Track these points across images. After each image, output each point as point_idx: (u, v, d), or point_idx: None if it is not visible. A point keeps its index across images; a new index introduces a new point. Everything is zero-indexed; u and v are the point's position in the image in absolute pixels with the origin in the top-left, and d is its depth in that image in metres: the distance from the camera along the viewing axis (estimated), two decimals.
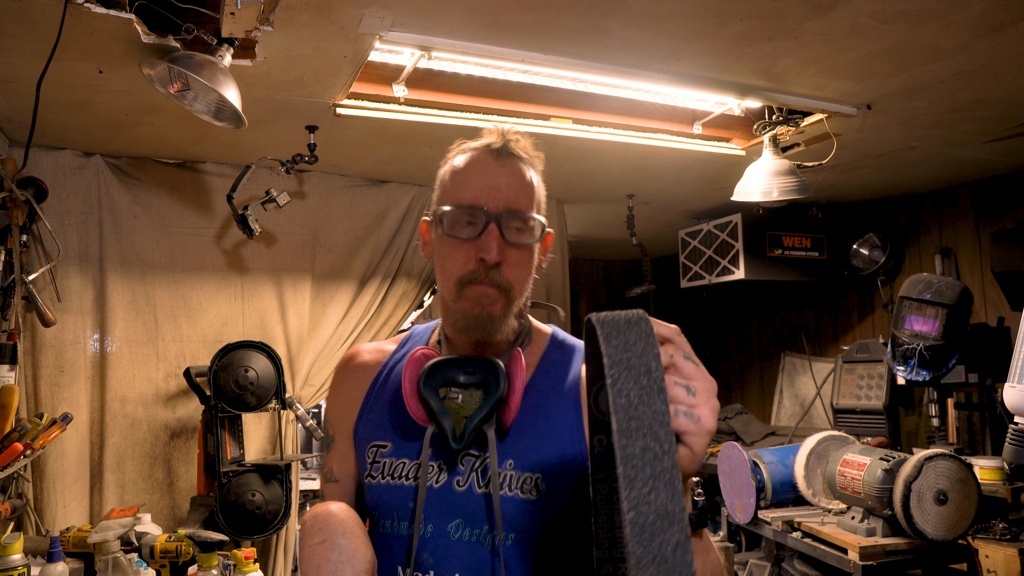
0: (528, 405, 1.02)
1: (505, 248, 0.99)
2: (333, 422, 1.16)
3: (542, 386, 1.05)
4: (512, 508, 0.97)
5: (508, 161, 1.02)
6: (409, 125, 2.44)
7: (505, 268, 0.99)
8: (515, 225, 1.00)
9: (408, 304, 3.32)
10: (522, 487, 0.97)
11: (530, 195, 1.02)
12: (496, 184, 1.00)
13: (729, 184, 2.67)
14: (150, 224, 2.87)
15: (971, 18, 1.80)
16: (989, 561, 2.46)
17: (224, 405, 2.58)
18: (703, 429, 0.66)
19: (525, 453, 0.99)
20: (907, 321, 3.01)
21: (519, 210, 1.00)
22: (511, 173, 1.02)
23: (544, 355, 1.09)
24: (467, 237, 0.99)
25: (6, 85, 2.06)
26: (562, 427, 1.00)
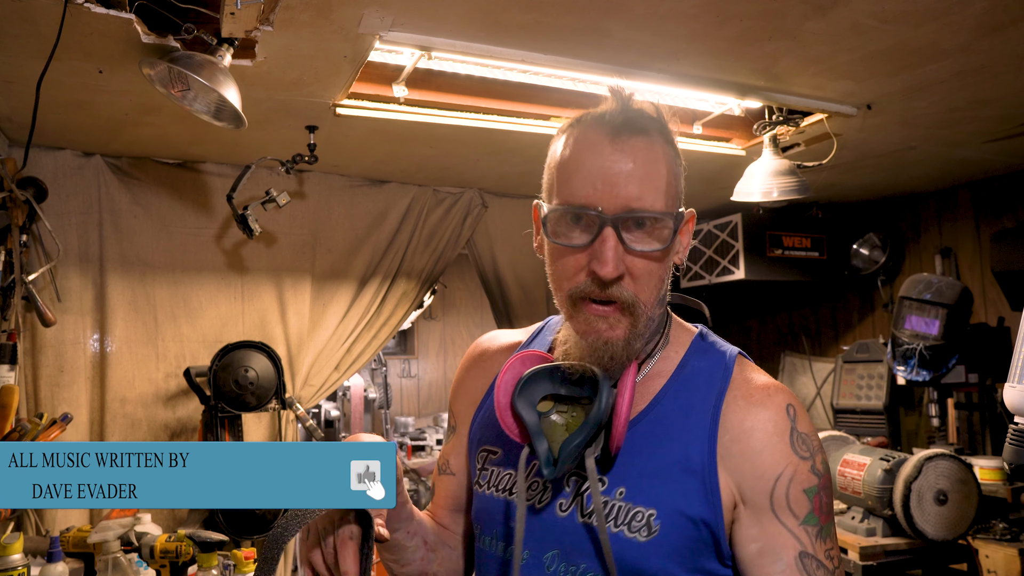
0: (654, 421, 0.86)
1: (627, 257, 0.80)
2: (456, 412, 1.05)
3: (674, 400, 0.87)
4: (614, 548, 0.81)
5: (630, 142, 0.81)
6: (409, 125, 2.44)
7: (628, 281, 0.81)
8: (638, 229, 0.81)
9: (408, 304, 3.32)
10: (630, 523, 0.81)
11: (659, 184, 0.81)
12: (612, 176, 0.79)
13: (729, 184, 2.67)
14: (150, 224, 2.87)
15: (971, 18, 1.80)
16: (989, 561, 2.46)
17: (224, 405, 2.58)
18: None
19: (641, 482, 0.83)
20: (907, 321, 3.01)
21: (643, 209, 0.80)
22: (633, 159, 0.80)
23: (683, 362, 0.90)
24: (579, 244, 0.81)
25: (6, 85, 2.06)
26: (694, 461, 0.82)
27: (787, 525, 0.80)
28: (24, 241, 2.34)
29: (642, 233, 0.81)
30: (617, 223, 0.79)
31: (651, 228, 0.81)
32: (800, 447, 0.82)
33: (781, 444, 0.82)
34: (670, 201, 0.83)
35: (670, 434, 0.85)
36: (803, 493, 0.81)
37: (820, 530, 0.81)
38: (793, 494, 0.81)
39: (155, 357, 2.84)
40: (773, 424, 0.83)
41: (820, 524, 0.81)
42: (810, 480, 0.81)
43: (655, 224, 0.81)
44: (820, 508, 0.81)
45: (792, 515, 0.80)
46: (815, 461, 0.83)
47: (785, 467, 0.81)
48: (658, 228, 0.82)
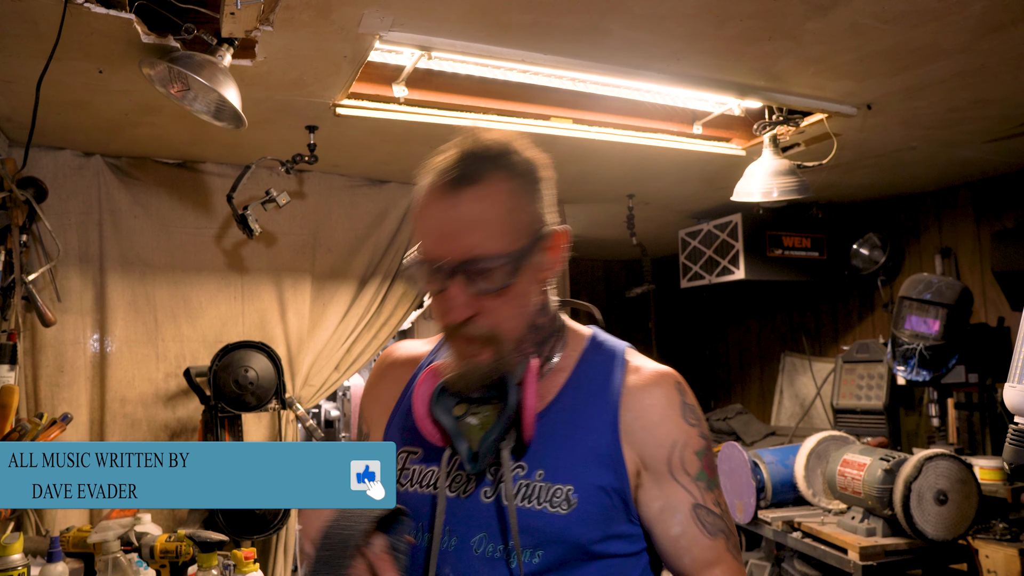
0: (562, 410, 0.97)
1: (475, 299, 0.89)
2: (368, 419, 1.12)
3: (578, 391, 0.98)
4: (540, 523, 0.91)
5: (462, 193, 0.88)
6: (409, 125, 2.44)
7: (481, 318, 0.90)
8: (480, 273, 0.87)
9: (408, 304, 3.32)
10: (552, 499, 0.91)
11: (494, 228, 0.88)
12: (450, 229, 0.88)
13: (729, 184, 2.67)
14: (150, 224, 2.86)
15: (971, 18, 1.80)
16: (989, 561, 2.46)
17: (224, 405, 2.58)
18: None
19: (557, 463, 0.93)
20: (907, 321, 3.01)
21: (480, 256, 0.87)
22: (469, 208, 0.88)
23: (582, 357, 1.01)
24: (436, 292, 0.91)
25: (6, 85, 2.06)
26: (601, 439, 0.94)
27: (682, 483, 0.95)
28: (24, 241, 2.34)
29: (482, 276, 0.88)
30: (458, 272, 0.88)
31: (491, 269, 0.88)
32: (690, 417, 0.98)
33: (675, 416, 0.97)
34: (513, 237, 0.89)
35: (578, 419, 0.96)
36: (694, 455, 0.96)
37: (708, 483, 0.97)
38: (687, 456, 0.96)
39: (155, 357, 2.83)
40: (667, 400, 0.98)
41: (708, 478, 0.97)
42: (699, 443, 0.97)
43: (493, 265, 0.88)
44: (708, 465, 0.97)
45: (686, 474, 0.95)
46: (701, 427, 0.99)
47: (679, 435, 0.96)
48: (499, 268, 0.88)
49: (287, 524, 2.82)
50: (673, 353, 5.55)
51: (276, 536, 2.86)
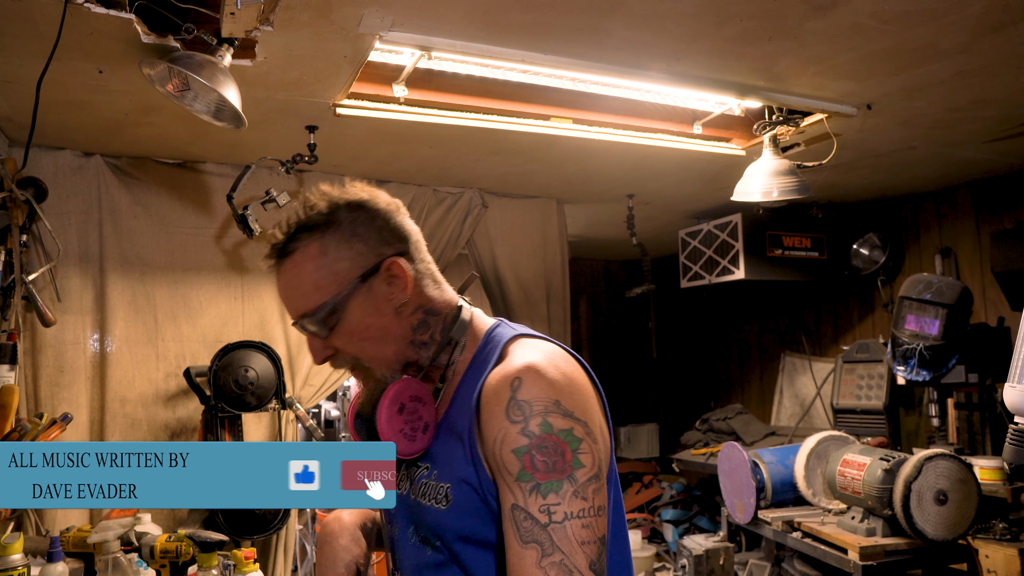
0: (454, 413, 1.03)
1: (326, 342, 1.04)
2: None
3: (462, 393, 1.04)
4: (428, 517, 1.01)
5: (281, 268, 1.05)
6: (409, 125, 2.44)
7: (340, 354, 1.05)
8: (313, 327, 1.02)
9: None
10: (436, 496, 1.00)
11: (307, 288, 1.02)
12: (284, 297, 1.06)
13: (729, 184, 2.67)
14: (150, 224, 2.86)
15: (971, 18, 1.80)
16: (989, 561, 2.46)
17: (224, 405, 2.58)
18: None
19: (442, 463, 1.02)
20: (907, 321, 3.01)
21: (306, 313, 1.02)
22: (288, 280, 1.04)
23: (473, 358, 1.07)
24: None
25: (6, 85, 2.06)
26: (466, 438, 0.99)
27: (505, 481, 0.93)
28: (24, 241, 2.34)
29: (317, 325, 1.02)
30: (301, 327, 1.04)
31: (318, 319, 1.02)
32: (513, 413, 0.93)
33: (499, 412, 0.94)
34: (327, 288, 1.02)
35: (457, 421, 1.01)
36: (511, 453, 0.92)
37: (535, 486, 0.90)
38: (504, 454, 0.92)
39: (155, 357, 2.83)
40: (496, 395, 0.95)
41: (535, 480, 0.90)
42: (518, 441, 0.92)
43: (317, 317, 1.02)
44: (532, 466, 0.90)
45: (507, 472, 0.92)
46: (528, 424, 0.92)
47: (498, 432, 0.94)
48: (322, 317, 1.02)
49: (287, 524, 2.82)
50: (673, 353, 5.55)
51: (276, 536, 2.86)
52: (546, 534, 0.89)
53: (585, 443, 0.92)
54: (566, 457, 0.91)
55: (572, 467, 0.91)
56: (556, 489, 0.90)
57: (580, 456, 0.91)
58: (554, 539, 0.88)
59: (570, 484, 0.90)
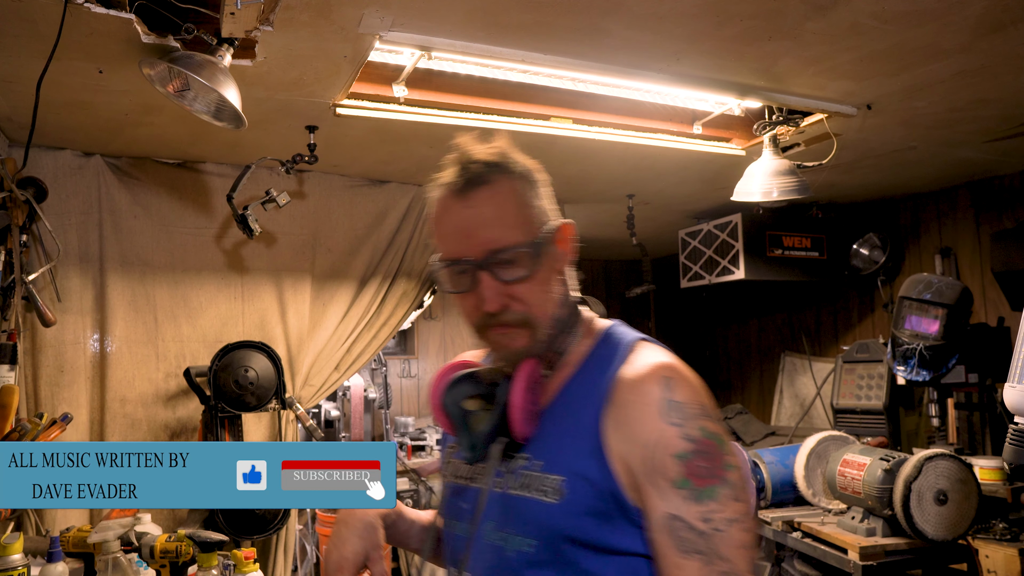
0: (564, 403, 0.98)
1: (505, 288, 0.95)
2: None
3: (579, 385, 0.99)
4: (530, 511, 0.93)
5: (474, 195, 0.96)
6: (409, 125, 2.44)
7: (514, 304, 0.96)
8: (505, 263, 0.95)
9: (408, 304, 3.32)
10: (543, 489, 0.93)
11: (510, 220, 0.96)
12: (468, 228, 0.95)
13: (729, 184, 2.67)
14: (150, 224, 2.87)
15: (971, 18, 1.80)
16: (989, 561, 2.46)
17: (224, 405, 2.58)
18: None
19: (551, 454, 0.95)
20: (907, 321, 3.01)
21: (501, 247, 0.94)
22: (480, 208, 0.95)
23: (591, 352, 1.02)
24: (465, 290, 0.97)
25: (6, 85, 2.06)
26: (590, 433, 0.93)
27: (660, 488, 0.87)
28: (24, 241, 2.34)
29: (508, 265, 0.95)
30: (484, 266, 0.94)
31: (515, 258, 0.95)
32: (672, 416, 0.89)
33: (652, 414, 0.89)
34: (526, 229, 0.96)
35: (575, 412, 0.96)
36: (671, 457, 0.87)
37: (694, 493, 0.86)
38: (660, 459, 0.87)
39: (155, 357, 2.83)
40: (647, 396, 0.91)
41: (695, 487, 0.86)
42: (679, 445, 0.87)
43: (516, 254, 0.95)
44: (692, 472, 0.86)
45: (663, 478, 0.87)
46: (687, 427, 0.88)
47: (653, 435, 0.88)
48: (521, 256, 0.95)
49: (287, 524, 2.82)
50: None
51: (276, 536, 2.86)
52: (707, 543, 0.84)
53: (728, 445, 0.90)
54: (720, 461, 0.88)
55: (725, 470, 0.88)
56: (714, 495, 0.86)
57: (729, 458, 0.89)
58: (717, 548, 0.84)
59: (726, 488, 0.87)
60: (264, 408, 2.65)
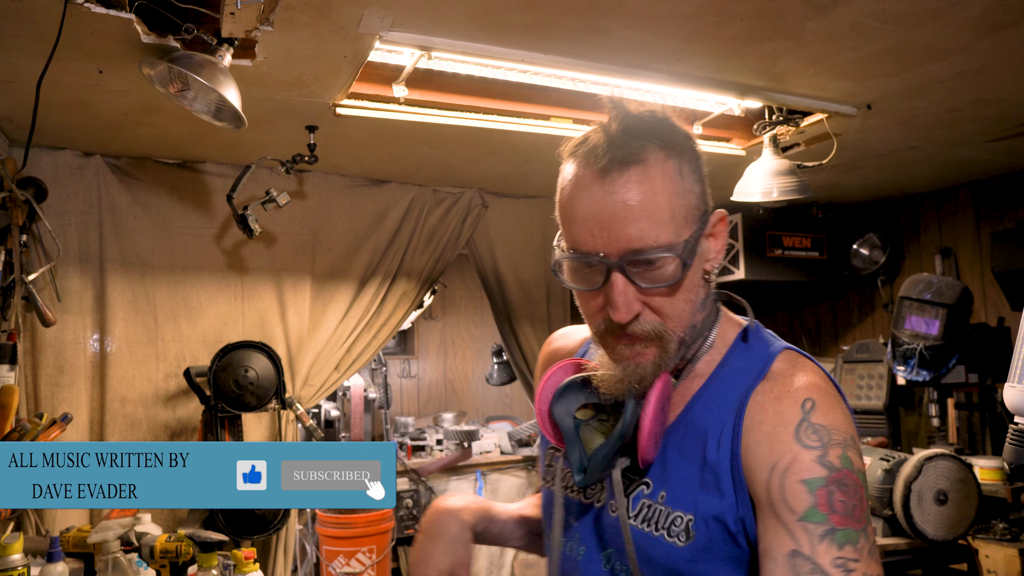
0: (690, 423, 0.84)
1: (641, 294, 0.79)
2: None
3: (709, 401, 0.84)
4: (658, 552, 0.80)
5: (621, 179, 0.77)
6: (409, 125, 2.44)
7: (648, 313, 0.80)
8: (646, 266, 0.78)
9: (408, 304, 3.32)
10: (670, 528, 0.80)
11: (658, 216, 0.77)
12: (608, 220, 0.77)
13: (729, 184, 2.67)
14: (150, 224, 2.87)
15: (971, 18, 1.80)
16: (989, 561, 2.46)
17: (224, 405, 2.58)
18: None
19: (679, 485, 0.82)
20: (907, 321, 3.01)
21: (645, 248, 0.76)
22: (625, 196, 0.77)
23: (723, 361, 0.87)
24: (593, 288, 0.80)
25: (6, 85, 2.06)
26: (720, 459, 0.80)
27: (783, 519, 0.73)
28: (24, 241, 2.34)
29: (650, 269, 0.78)
30: (621, 267, 0.77)
31: (658, 263, 0.78)
32: (807, 437, 0.75)
33: (784, 434, 0.76)
34: (676, 227, 0.79)
35: (703, 435, 0.82)
36: (800, 484, 0.73)
37: (829, 531, 0.71)
38: (788, 485, 0.73)
39: (155, 357, 2.83)
40: (781, 416, 0.77)
41: (830, 524, 0.71)
42: (813, 470, 0.73)
43: (661, 259, 0.78)
44: (828, 504, 0.71)
45: (788, 508, 0.73)
46: (826, 452, 0.74)
47: (782, 456, 0.75)
48: (665, 261, 0.78)
49: (287, 524, 2.82)
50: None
51: (276, 536, 2.86)
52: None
53: (864, 490, 0.75)
54: (863, 506, 0.73)
55: (867, 519, 0.73)
56: (854, 541, 0.71)
57: (868, 505, 0.75)
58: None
59: (866, 540, 0.72)
60: (264, 408, 2.65)
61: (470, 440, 4.36)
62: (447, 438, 4.49)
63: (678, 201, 0.79)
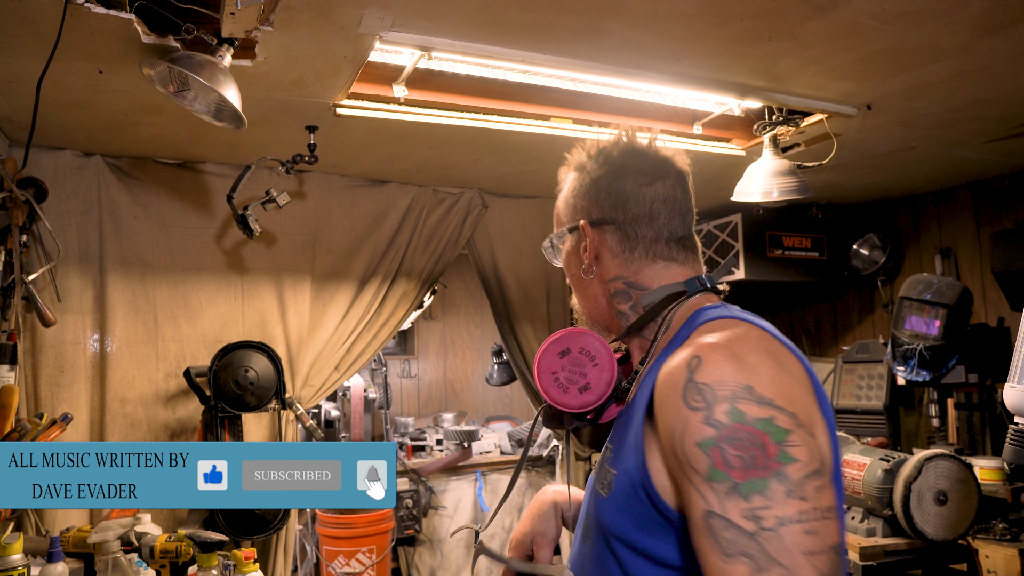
0: (636, 395, 0.94)
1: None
2: None
3: (648, 375, 0.92)
4: (593, 505, 0.94)
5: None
6: (409, 125, 2.44)
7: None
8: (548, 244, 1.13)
9: (408, 304, 3.32)
10: (603, 482, 0.91)
11: (559, 212, 1.12)
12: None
13: (729, 184, 2.67)
14: (150, 224, 2.87)
15: (971, 18, 1.80)
16: (989, 561, 2.46)
17: (224, 405, 2.58)
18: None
19: (618, 447, 0.92)
20: (907, 321, 3.01)
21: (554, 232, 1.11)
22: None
23: (672, 340, 0.95)
24: None
25: (6, 85, 2.06)
26: (637, 425, 0.88)
27: (694, 482, 0.77)
28: (24, 241, 2.34)
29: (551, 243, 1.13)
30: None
31: (552, 240, 1.12)
32: (692, 399, 0.78)
33: (675, 398, 0.80)
34: (562, 219, 1.11)
35: (638, 404, 0.90)
36: (696, 447, 0.77)
37: (733, 487, 0.74)
38: (687, 449, 0.77)
39: (155, 357, 2.84)
40: (673, 379, 0.82)
41: (732, 480, 0.74)
42: (703, 432, 0.77)
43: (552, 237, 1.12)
44: (724, 462, 0.75)
45: (694, 471, 0.77)
46: (711, 411, 0.77)
47: (676, 422, 0.79)
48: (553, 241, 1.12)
49: (287, 524, 2.82)
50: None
51: (276, 536, 2.86)
52: (756, 545, 0.72)
53: (796, 434, 0.75)
54: (769, 451, 0.75)
55: (780, 462, 0.74)
56: (761, 489, 0.73)
57: (789, 449, 0.75)
58: (768, 550, 0.71)
59: (780, 482, 0.74)
60: (264, 408, 2.65)
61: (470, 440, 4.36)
62: (447, 438, 4.49)
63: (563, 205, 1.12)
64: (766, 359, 0.81)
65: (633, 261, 1.01)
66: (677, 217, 1.03)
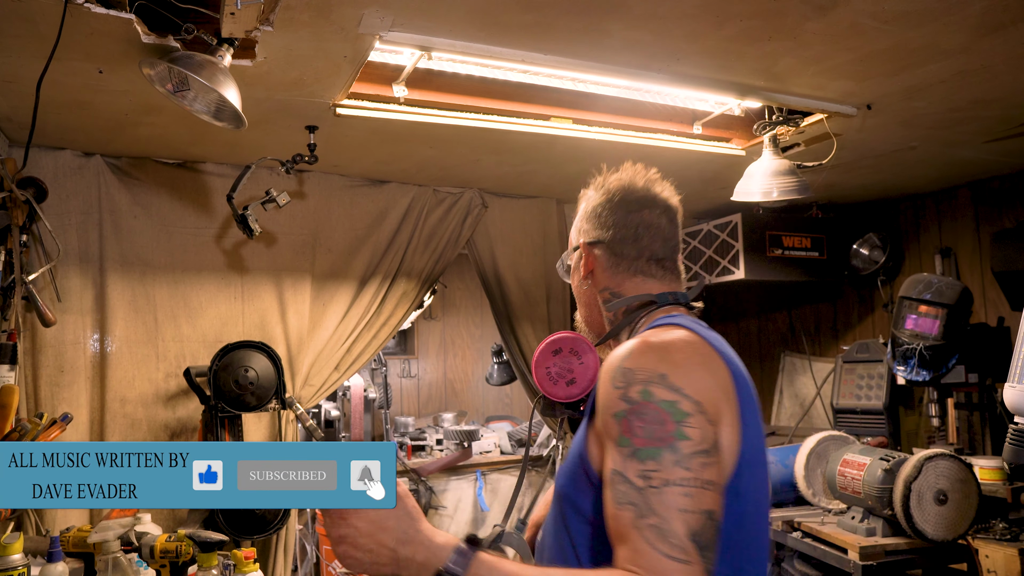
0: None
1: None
2: None
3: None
4: (558, 474, 1.10)
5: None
6: (409, 125, 2.44)
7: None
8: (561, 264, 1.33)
9: (408, 304, 3.32)
10: (565, 454, 1.11)
11: (572, 233, 1.29)
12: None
13: (729, 184, 2.67)
14: (150, 224, 2.87)
15: (971, 18, 1.80)
16: (989, 561, 2.46)
17: (224, 405, 2.58)
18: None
19: (581, 427, 1.09)
20: (907, 321, 3.01)
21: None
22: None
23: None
24: None
25: (6, 85, 2.06)
26: (589, 408, 1.06)
27: (607, 447, 0.95)
28: (24, 241, 2.34)
29: (564, 260, 1.33)
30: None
31: (564, 257, 1.33)
32: (617, 380, 0.96)
33: (606, 379, 0.98)
34: (573, 239, 1.29)
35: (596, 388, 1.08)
36: (612, 417, 0.95)
37: (633, 452, 0.90)
38: (606, 420, 0.96)
39: (155, 357, 2.83)
40: (609, 364, 1.00)
41: (634, 446, 0.91)
42: (618, 405, 0.94)
43: (565, 254, 1.32)
44: (630, 431, 0.92)
45: (609, 438, 0.95)
46: (628, 390, 0.94)
47: (603, 398, 0.98)
48: (565, 257, 1.31)
49: (287, 524, 2.82)
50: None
51: (276, 536, 2.86)
52: (641, 497, 0.87)
53: (694, 419, 0.91)
54: (667, 427, 0.90)
55: (675, 437, 0.90)
56: (655, 456, 0.89)
57: (685, 429, 0.90)
58: (650, 502, 0.87)
59: (671, 453, 0.89)
60: (264, 408, 2.65)
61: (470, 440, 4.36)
62: (447, 438, 4.49)
63: (575, 226, 1.29)
64: (690, 357, 0.98)
65: (618, 275, 1.19)
66: (659, 241, 1.19)
